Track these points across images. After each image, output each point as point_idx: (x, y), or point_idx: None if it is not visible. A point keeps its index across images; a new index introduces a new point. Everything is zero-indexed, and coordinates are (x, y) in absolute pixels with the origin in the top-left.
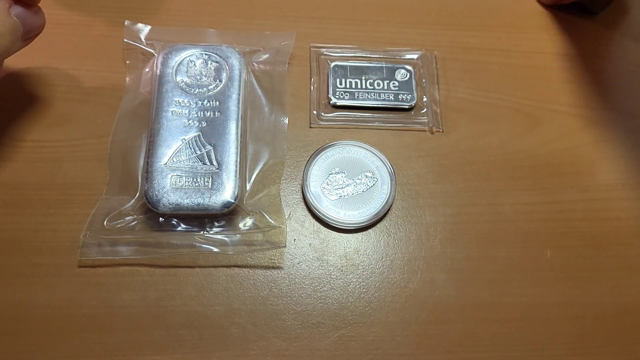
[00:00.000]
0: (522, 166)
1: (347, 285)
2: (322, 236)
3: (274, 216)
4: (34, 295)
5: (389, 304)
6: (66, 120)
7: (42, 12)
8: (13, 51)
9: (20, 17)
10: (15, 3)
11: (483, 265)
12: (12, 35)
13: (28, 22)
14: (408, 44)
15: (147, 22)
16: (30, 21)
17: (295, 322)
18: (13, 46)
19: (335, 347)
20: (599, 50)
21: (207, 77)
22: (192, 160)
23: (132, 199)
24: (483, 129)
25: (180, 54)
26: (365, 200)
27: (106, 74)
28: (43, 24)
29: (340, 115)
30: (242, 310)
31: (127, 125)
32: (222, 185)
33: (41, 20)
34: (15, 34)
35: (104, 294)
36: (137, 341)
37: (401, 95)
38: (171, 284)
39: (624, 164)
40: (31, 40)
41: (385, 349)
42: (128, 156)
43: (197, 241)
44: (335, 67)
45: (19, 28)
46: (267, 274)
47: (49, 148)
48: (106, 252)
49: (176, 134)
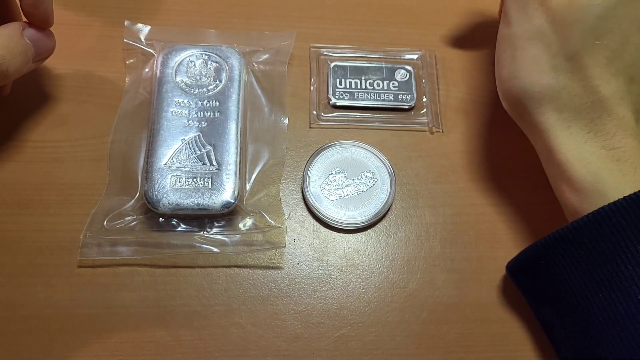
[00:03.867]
0: (522, 166)
1: (347, 285)
2: (322, 236)
3: (274, 216)
4: (34, 295)
5: (389, 304)
6: (66, 120)
7: (54, 36)
8: (23, 72)
9: (32, 40)
10: (29, 26)
11: (483, 265)
12: (24, 57)
13: (39, 44)
14: (408, 44)
15: (147, 22)
16: (42, 44)
17: (295, 322)
18: (24, 67)
19: (335, 347)
20: None
21: (207, 77)
22: (192, 161)
23: (132, 199)
24: (483, 129)
25: (180, 54)
26: (365, 201)
27: (106, 74)
28: (53, 47)
29: (340, 116)
30: (242, 310)
31: (127, 126)
32: (222, 186)
33: (52, 43)
34: (27, 55)
35: (104, 294)
36: (137, 341)
37: (401, 96)
38: (171, 284)
39: None
40: (42, 61)
41: (385, 349)
42: (128, 156)
43: (197, 241)
44: (335, 67)
45: (30, 50)
46: (267, 274)
47: (49, 148)
48: (106, 252)
49: (176, 134)
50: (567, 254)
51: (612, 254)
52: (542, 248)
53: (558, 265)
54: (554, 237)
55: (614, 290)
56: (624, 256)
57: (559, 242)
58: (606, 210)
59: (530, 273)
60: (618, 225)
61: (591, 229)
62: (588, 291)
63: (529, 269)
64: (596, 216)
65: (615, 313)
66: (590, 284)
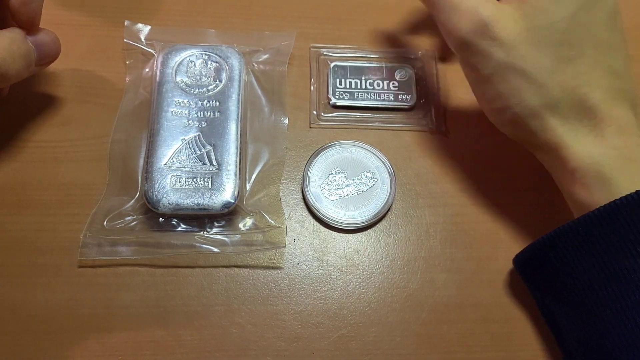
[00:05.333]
0: (522, 166)
1: (347, 285)
2: (322, 236)
3: (274, 216)
4: (34, 295)
5: (389, 304)
6: (66, 120)
7: (59, 41)
8: (25, 75)
9: (36, 44)
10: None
11: (483, 265)
12: (25, 60)
13: (43, 48)
14: (408, 44)
15: (147, 22)
16: (46, 48)
17: (295, 322)
18: (26, 70)
19: (335, 347)
20: None
21: (207, 77)
22: (192, 161)
23: (132, 199)
24: (483, 129)
25: (180, 54)
26: (365, 201)
27: (106, 74)
28: (58, 51)
29: (340, 116)
30: (242, 310)
31: (127, 126)
32: (222, 186)
33: (56, 48)
34: (29, 58)
35: (104, 294)
36: (137, 341)
37: (401, 96)
38: (171, 284)
39: None
40: (45, 65)
41: (385, 349)
42: (128, 156)
43: (197, 241)
44: (335, 67)
45: (33, 53)
46: (267, 274)
47: (49, 148)
48: (106, 252)
49: (176, 134)
50: (577, 247)
51: (622, 247)
52: (551, 241)
53: (567, 257)
54: (564, 229)
55: (623, 283)
56: (633, 250)
57: (570, 235)
58: (617, 204)
59: (539, 266)
60: (629, 218)
61: (602, 222)
62: (597, 283)
63: (538, 261)
64: (607, 209)
65: (623, 305)
66: (599, 277)
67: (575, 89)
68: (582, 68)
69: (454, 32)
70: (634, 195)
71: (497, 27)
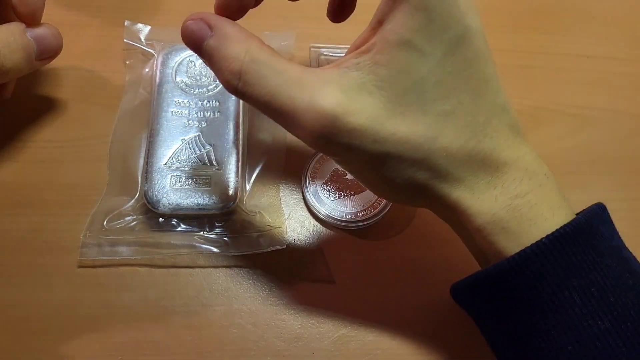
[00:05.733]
0: None
1: (347, 285)
2: (322, 236)
3: (274, 216)
4: (33, 295)
5: (389, 304)
6: (66, 120)
7: (60, 36)
8: (25, 70)
9: (36, 38)
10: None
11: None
12: (24, 54)
13: (43, 43)
14: None
15: (147, 22)
16: (46, 42)
17: (295, 322)
18: (26, 64)
19: (335, 347)
20: (598, 50)
21: (207, 77)
22: (192, 161)
23: (132, 199)
24: None
25: (180, 54)
26: (365, 200)
27: (106, 74)
28: (59, 47)
29: None
30: (242, 310)
31: (127, 126)
32: (222, 186)
33: (57, 42)
34: (28, 52)
35: (104, 294)
36: (137, 341)
37: None
38: (171, 284)
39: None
40: (47, 60)
41: (385, 349)
42: (128, 156)
43: (197, 241)
44: None
45: (32, 47)
46: (267, 274)
47: (49, 148)
48: (106, 252)
49: (176, 134)
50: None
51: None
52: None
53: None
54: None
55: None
56: (551, 304)
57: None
58: (527, 253)
59: (468, 298)
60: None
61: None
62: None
63: (466, 295)
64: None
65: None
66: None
67: (462, 147)
68: (464, 120)
69: (305, 140)
70: (543, 241)
71: (347, 115)
